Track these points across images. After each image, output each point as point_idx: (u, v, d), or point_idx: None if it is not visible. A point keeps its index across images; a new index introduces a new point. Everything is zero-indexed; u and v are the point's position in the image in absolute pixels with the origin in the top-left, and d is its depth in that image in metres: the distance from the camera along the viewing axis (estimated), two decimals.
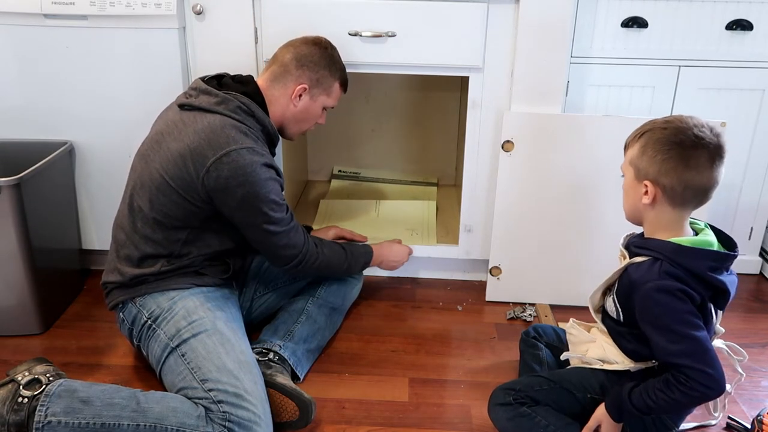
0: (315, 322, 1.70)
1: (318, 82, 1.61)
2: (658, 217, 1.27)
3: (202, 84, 1.54)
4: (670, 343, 1.19)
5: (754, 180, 2.02)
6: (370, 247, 1.84)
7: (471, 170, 1.92)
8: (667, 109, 1.91)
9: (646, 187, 1.24)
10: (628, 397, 1.25)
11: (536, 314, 1.91)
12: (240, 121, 1.49)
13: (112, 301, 1.56)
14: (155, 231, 1.51)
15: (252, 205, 1.48)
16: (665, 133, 1.22)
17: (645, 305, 1.23)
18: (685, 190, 1.22)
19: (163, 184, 1.48)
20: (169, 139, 1.49)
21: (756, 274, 2.15)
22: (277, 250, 1.57)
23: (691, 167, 1.20)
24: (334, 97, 1.68)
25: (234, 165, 1.43)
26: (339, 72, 1.65)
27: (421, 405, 1.55)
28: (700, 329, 1.20)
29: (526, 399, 1.35)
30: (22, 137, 1.88)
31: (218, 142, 1.44)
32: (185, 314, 1.47)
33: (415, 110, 2.53)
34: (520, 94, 1.81)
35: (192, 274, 1.55)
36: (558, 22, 1.74)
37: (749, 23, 1.83)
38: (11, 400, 1.31)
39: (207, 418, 1.32)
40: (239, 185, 1.45)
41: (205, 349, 1.41)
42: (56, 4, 1.74)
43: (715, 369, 1.17)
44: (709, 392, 1.18)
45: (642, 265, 1.26)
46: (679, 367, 1.18)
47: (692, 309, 1.20)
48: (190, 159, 1.45)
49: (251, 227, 1.52)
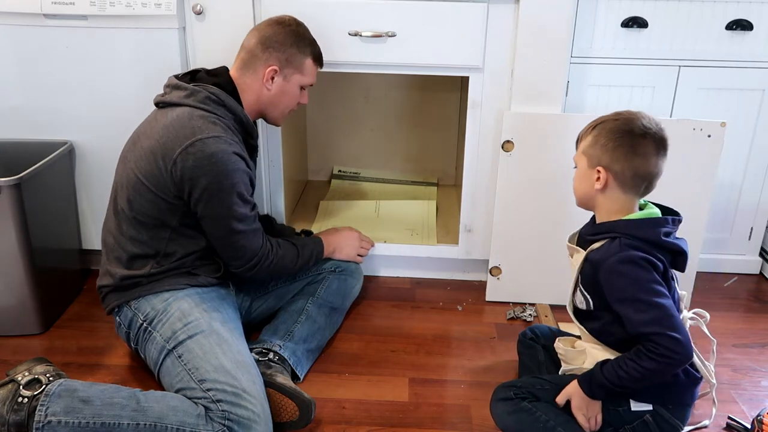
0: (315, 322, 1.70)
1: (288, 62, 1.58)
2: (609, 201, 1.34)
3: (174, 80, 1.55)
4: (637, 313, 1.24)
5: (754, 180, 2.02)
6: (320, 238, 1.81)
7: (471, 170, 1.92)
8: (667, 109, 1.91)
9: (599, 173, 1.32)
10: (600, 369, 1.28)
11: (536, 314, 1.91)
12: (209, 111, 1.49)
13: (108, 306, 1.57)
14: (139, 231, 1.51)
15: (216, 196, 1.45)
16: (616, 124, 1.31)
17: (610, 280, 1.28)
18: (634, 176, 1.30)
19: (137, 183, 1.48)
20: (143, 138, 1.50)
21: (756, 274, 2.15)
22: (236, 251, 1.54)
23: (639, 154, 1.29)
24: (309, 74, 1.64)
25: (200, 154, 1.42)
26: (308, 47, 1.61)
27: (421, 405, 1.55)
28: (665, 297, 1.25)
29: (527, 395, 1.37)
30: (22, 137, 1.88)
31: (184, 133, 1.44)
32: (180, 316, 1.47)
33: (415, 110, 2.53)
34: (520, 94, 1.81)
35: (184, 275, 1.55)
36: (558, 22, 1.74)
37: (749, 23, 1.83)
38: (11, 400, 1.31)
39: (207, 417, 1.32)
40: (204, 174, 1.43)
41: (202, 350, 1.41)
42: (56, 4, 1.74)
43: (681, 334, 1.22)
44: (677, 357, 1.21)
45: (600, 248, 1.32)
46: (648, 335, 1.22)
47: (656, 278, 1.26)
48: (159, 154, 1.45)
49: (214, 221, 1.49)
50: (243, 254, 1.55)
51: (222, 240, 1.53)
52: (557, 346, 1.45)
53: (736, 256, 2.13)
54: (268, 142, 1.96)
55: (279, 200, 2.03)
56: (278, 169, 2.00)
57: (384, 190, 2.50)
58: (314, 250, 1.76)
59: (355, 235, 1.92)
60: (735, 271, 2.15)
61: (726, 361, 1.71)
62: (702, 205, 1.81)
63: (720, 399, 1.49)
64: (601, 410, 1.33)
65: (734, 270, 2.15)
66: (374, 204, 2.34)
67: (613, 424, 1.34)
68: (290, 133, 2.18)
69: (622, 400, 1.32)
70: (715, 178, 1.81)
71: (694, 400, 1.36)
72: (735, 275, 2.14)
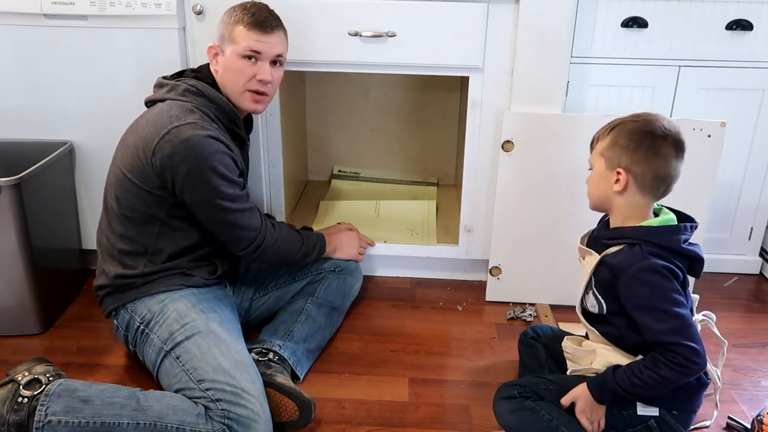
0: (315, 321, 1.70)
1: (222, 38, 1.55)
2: (627, 204, 1.32)
3: (160, 80, 1.58)
4: (657, 323, 1.24)
5: (754, 180, 2.02)
6: (323, 235, 1.81)
7: (471, 170, 1.92)
8: (667, 109, 1.91)
9: (619, 174, 1.30)
10: (613, 375, 1.28)
11: (536, 314, 1.91)
12: (188, 101, 1.50)
13: (106, 309, 1.58)
14: (128, 228, 1.52)
15: (199, 180, 1.45)
16: (636, 125, 1.29)
17: (631, 287, 1.27)
18: (654, 178, 1.29)
19: (123, 179, 1.50)
20: (128, 135, 1.54)
21: (756, 274, 2.15)
22: (235, 231, 1.54)
23: (660, 156, 1.27)
24: (242, 39, 1.52)
25: (176, 141, 1.43)
26: (240, 14, 1.53)
27: (421, 405, 1.55)
28: (684, 306, 1.25)
29: (530, 394, 1.36)
30: (22, 137, 1.88)
31: (162, 123, 1.45)
32: (177, 317, 1.47)
33: (415, 110, 2.53)
34: (520, 94, 1.81)
35: (179, 275, 1.55)
36: (558, 22, 1.74)
37: (749, 23, 1.83)
38: (11, 399, 1.31)
39: (206, 416, 1.32)
40: (183, 160, 1.43)
41: (200, 351, 1.41)
42: (56, 4, 1.74)
43: (699, 344, 1.23)
44: (695, 367, 1.22)
45: (619, 253, 1.31)
46: (668, 344, 1.22)
47: (676, 287, 1.26)
48: (141, 147, 1.47)
49: (203, 206, 1.49)
50: (242, 234, 1.55)
51: (217, 224, 1.53)
52: (565, 345, 1.44)
53: (736, 256, 2.13)
54: (268, 142, 1.96)
55: (279, 200, 2.03)
56: (278, 169, 2.00)
57: (384, 190, 2.50)
58: (317, 243, 1.77)
59: (354, 234, 1.92)
60: (735, 271, 2.15)
61: (726, 361, 1.70)
62: (702, 205, 1.81)
63: (720, 399, 1.48)
64: (604, 414, 1.33)
65: (734, 270, 2.15)
66: (374, 204, 2.34)
67: (617, 427, 1.33)
68: (290, 133, 2.18)
69: (628, 403, 1.32)
70: (715, 178, 1.81)
71: (699, 405, 1.35)
72: (735, 275, 2.14)
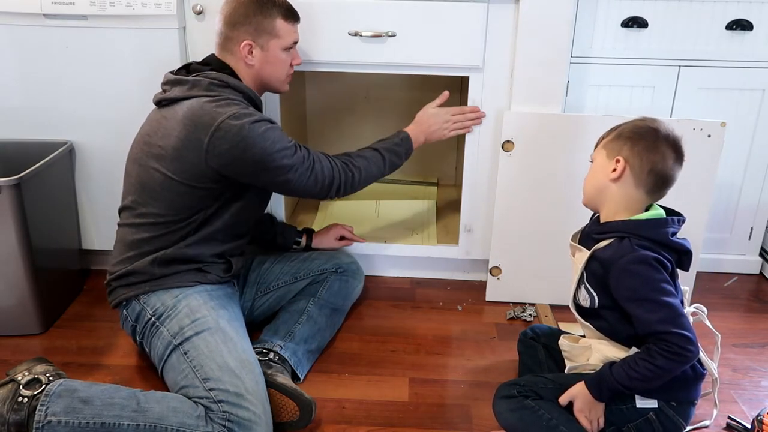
0: (316, 322, 1.70)
1: (258, 32, 1.55)
2: (620, 195, 1.34)
3: (171, 76, 1.55)
4: (649, 313, 1.26)
5: (754, 180, 2.02)
6: (405, 132, 1.80)
7: (471, 170, 1.92)
8: (667, 109, 1.91)
9: (617, 162, 1.33)
10: (610, 371, 1.29)
11: (536, 314, 1.91)
12: (216, 95, 1.49)
13: (116, 299, 1.56)
14: (155, 225, 1.52)
15: (266, 164, 1.48)
16: (641, 123, 1.35)
17: (621, 279, 1.29)
18: (650, 172, 1.31)
19: (166, 182, 1.49)
20: (156, 138, 1.50)
21: (756, 274, 2.15)
22: (313, 188, 1.58)
23: (659, 152, 1.31)
24: (286, 34, 1.58)
25: (228, 136, 1.44)
26: (273, 8, 1.55)
27: (421, 405, 1.55)
28: (674, 296, 1.28)
29: (530, 393, 1.37)
30: (22, 137, 1.88)
31: (204, 121, 1.45)
32: (188, 312, 1.47)
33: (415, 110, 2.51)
34: (520, 94, 1.81)
35: (195, 272, 1.55)
36: (558, 22, 1.74)
37: (749, 23, 1.83)
38: (11, 399, 1.31)
39: (207, 418, 1.32)
40: (243, 151, 1.45)
41: (208, 348, 1.41)
42: (56, 4, 1.74)
43: (691, 331, 1.25)
44: (689, 354, 1.24)
45: (609, 247, 1.33)
46: (660, 334, 1.24)
47: (665, 277, 1.28)
48: (186, 149, 1.46)
49: (277, 184, 1.55)
50: (321, 184, 1.59)
51: (297, 190, 1.58)
52: (561, 343, 1.45)
53: (736, 256, 2.14)
54: None
55: (279, 200, 2.03)
56: None
57: (384, 190, 2.50)
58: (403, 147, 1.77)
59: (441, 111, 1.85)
60: (735, 271, 2.15)
61: (726, 361, 1.71)
62: (702, 205, 1.81)
63: (720, 399, 1.49)
64: (603, 412, 1.33)
65: (734, 270, 2.15)
66: (374, 204, 2.34)
67: (616, 423, 1.34)
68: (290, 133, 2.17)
69: (627, 398, 1.32)
70: (715, 178, 1.81)
71: (698, 396, 1.36)
72: (735, 275, 2.14)
